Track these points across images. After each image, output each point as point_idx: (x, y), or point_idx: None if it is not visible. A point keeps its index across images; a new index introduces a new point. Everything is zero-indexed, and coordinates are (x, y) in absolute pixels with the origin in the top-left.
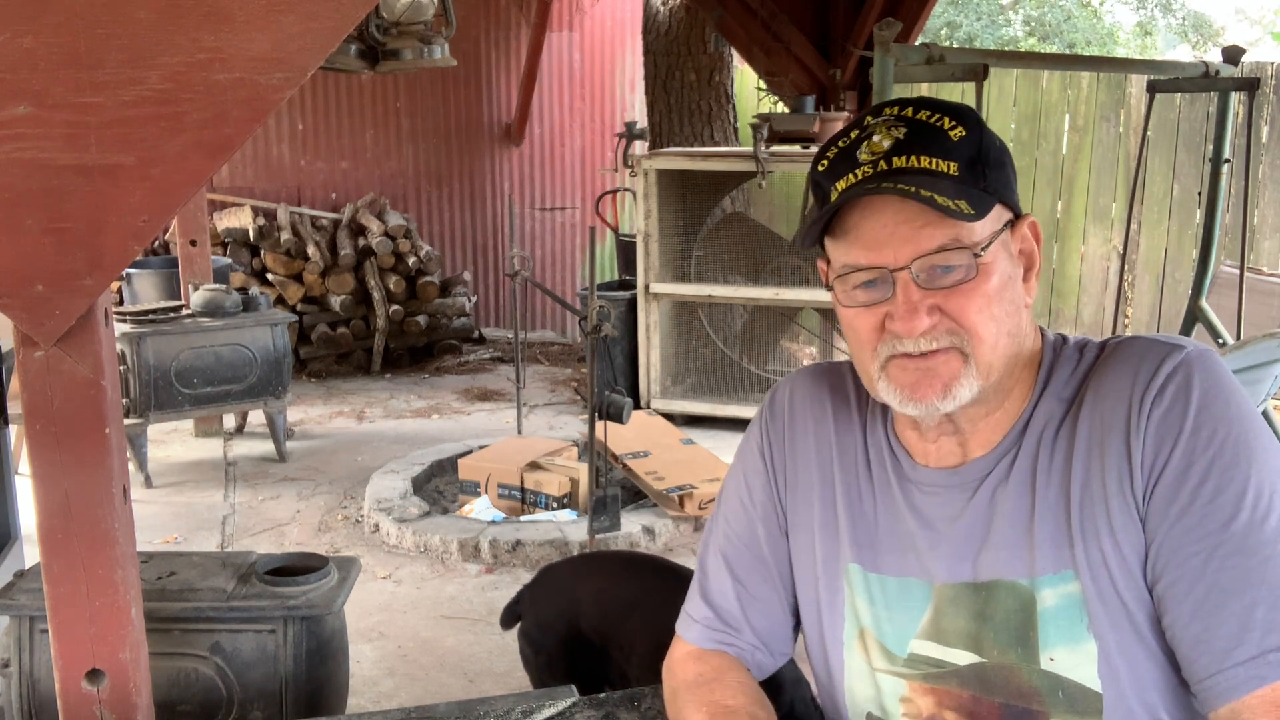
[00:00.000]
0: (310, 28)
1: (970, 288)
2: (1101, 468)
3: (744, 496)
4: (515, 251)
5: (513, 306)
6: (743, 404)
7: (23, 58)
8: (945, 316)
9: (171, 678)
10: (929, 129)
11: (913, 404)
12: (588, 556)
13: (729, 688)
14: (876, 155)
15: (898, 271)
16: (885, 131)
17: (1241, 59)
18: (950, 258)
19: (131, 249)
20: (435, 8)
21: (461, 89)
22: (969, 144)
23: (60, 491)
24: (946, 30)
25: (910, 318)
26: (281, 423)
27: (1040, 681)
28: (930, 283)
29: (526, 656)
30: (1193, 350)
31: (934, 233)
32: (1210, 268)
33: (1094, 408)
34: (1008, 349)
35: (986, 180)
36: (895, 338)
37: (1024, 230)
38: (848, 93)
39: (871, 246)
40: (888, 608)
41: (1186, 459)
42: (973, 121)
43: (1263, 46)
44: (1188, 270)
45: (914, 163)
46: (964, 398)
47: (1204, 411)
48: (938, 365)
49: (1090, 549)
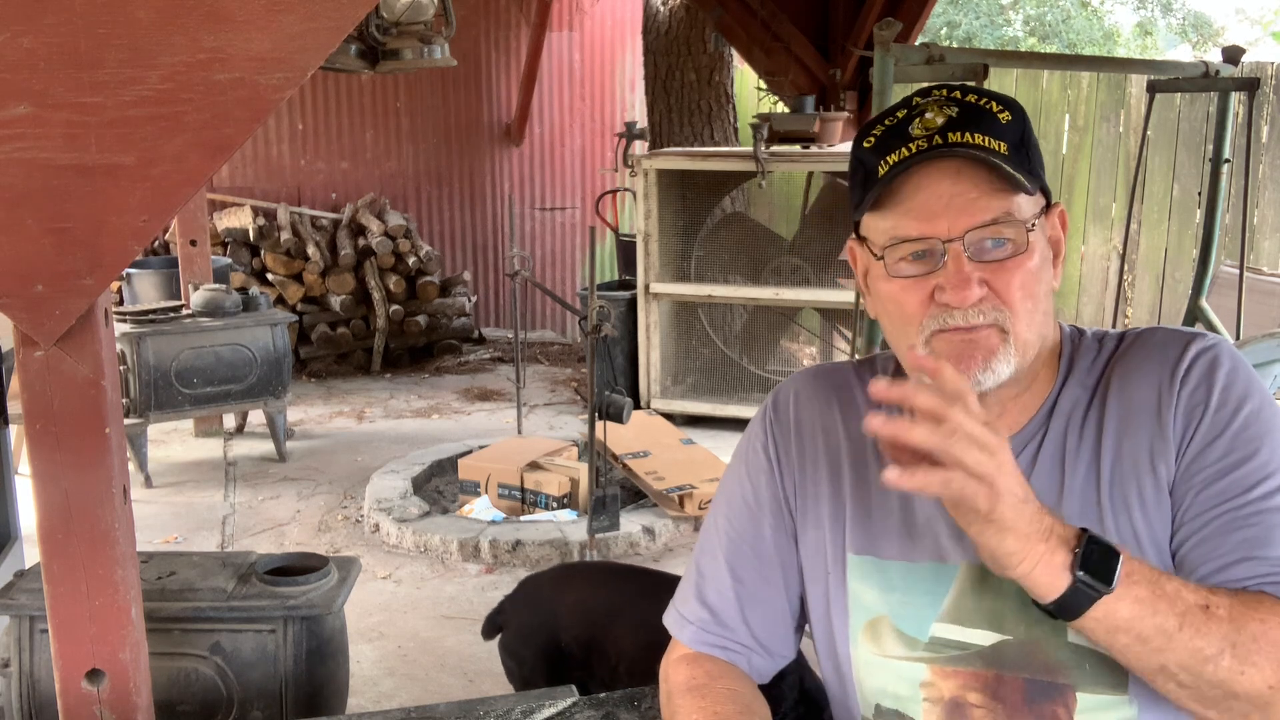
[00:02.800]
0: (310, 28)
1: (1017, 263)
2: (1133, 447)
3: (747, 495)
4: (515, 251)
5: (513, 306)
6: (743, 404)
7: (23, 58)
8: (991, 292)
9: (171, 678)
10: (979, 110)
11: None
12: (566, 568)
13: (720, 694)
14: (930, 130)
15: (950, 243)
16: (938, 110)
17: (1241, 59)
18: (1003, 231)
19: (131, 249)
20: (435, 8)
21: (461, 89)
22: (1015, 128)
23: (60, 491)
24: (946, 30)
25: (964, 287)
26: (281, 423)
27: (1066, 655)
28: (980, 256)
29: (509, 668)
30: (1214, 338)
31: (989, 204)
32: (1210, 268)
33: (1122, 392)
34: (1041, 329)
35: (1031, 163)
36: (944, 310)
37: (1054, 218)
38: (848, 93)
39: (924, 218)
40: (907, 593)
41: (1211, 432)
42: (1017, 108)
43: (1263, 46)
44: (1188, 270)
45: (968, 138)
46: (1003, 374)
47: (1228, 390)
48: (980, 339)
49: (1121, 524)
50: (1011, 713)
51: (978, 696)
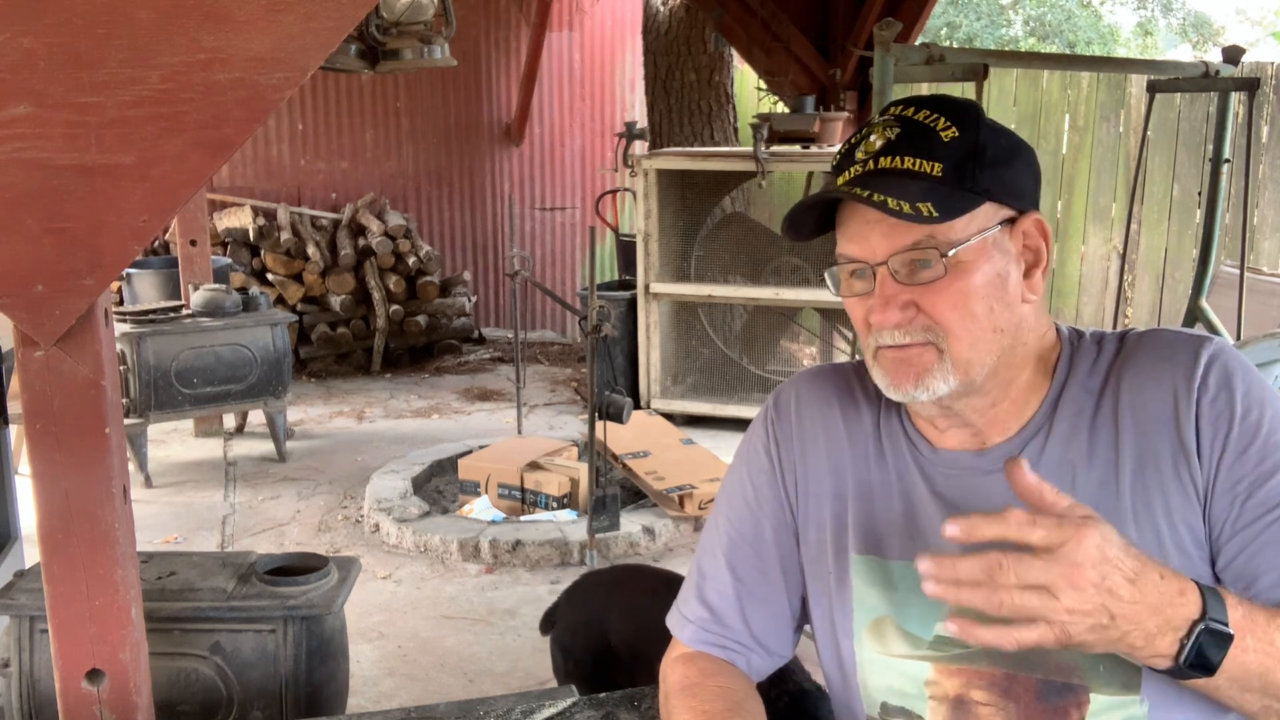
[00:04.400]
0: (310, 28)
1: (944, 285)
2: (1155, 453)
3: (749, 496)
4: (515, 251)
5: (513, 306)
6: (743, 404)
7: (23, 58)
8: (921, 312)
9: (171, 678)
10: (921, 130)
11: (894, 390)
12: (626, 570)
13: (710, 693)
14: (868, 155)
15: (878, 266)
16: (880, 131)
17: (1241, 59)
18: (925, 255)
19: (131, 249)
20: (435, 8)
21: (461, 89)
22: (961, 144)
23: (60, 491)
24: (946, 30)
25: (881, 310)
26: (281, 423)
27: (1080, 656)
28: (910, 278)
29: (556, 662)
30: (1220, 341)
31: (908, 230)
32: (1210, 268)
33: (1135, 395)
34: (993, 343)
35: (976, 180)
36: (876, 329)
37: (1026, 227)
38: (848, 93)
39: (856, 240)
40: (910, 592)
41: (1243, 440)
42: (970, 121)
43: (1263, 46)
44: (1188, 270)
45: (898, 163)
46: (939, 390)
47: (1249, 395)
48: (912, 357)
49: (1144, 529)
50: (1023, 712)
51: (983, 694)
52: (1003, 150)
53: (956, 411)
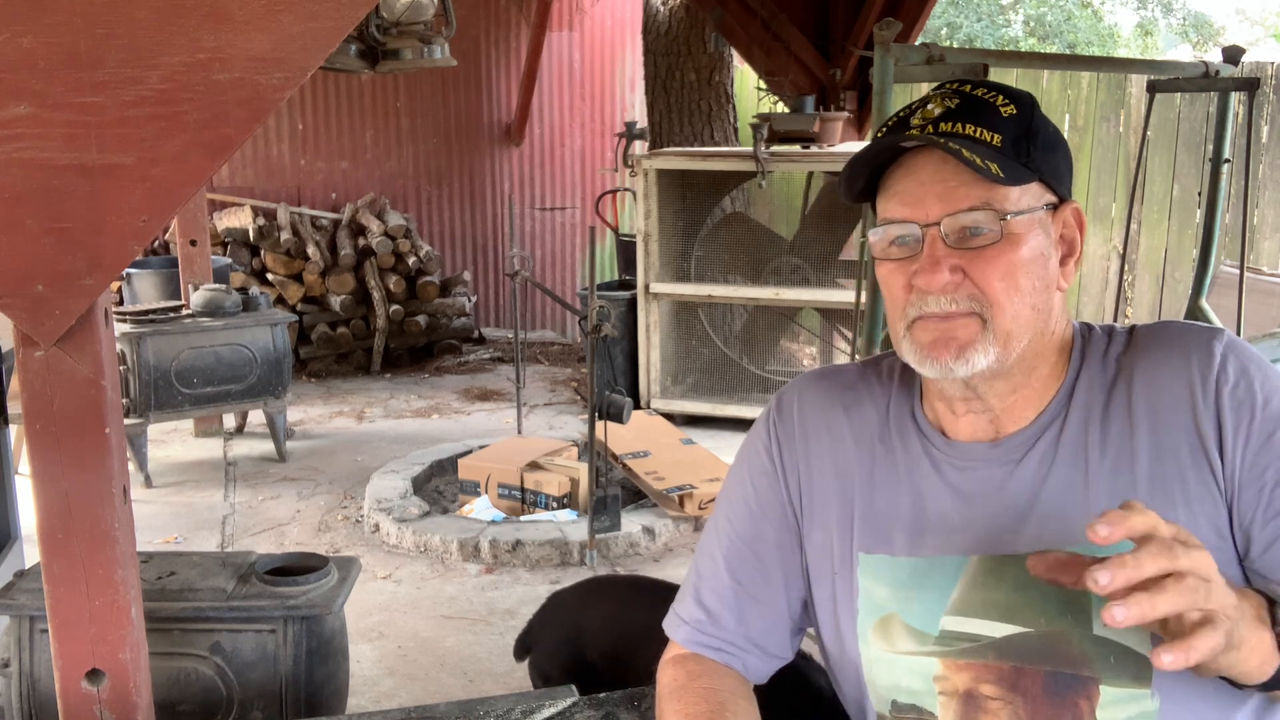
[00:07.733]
0: (310, 28)
1: (995, 252)
2: (1172, 442)
3: (749, 498)
4: (515, 251)
5: (513, 306)
6: (743, 404)
7: (23, 58)
8: (968, 280)
9: (171, 678)
10: (980, 103)
11: (929, 363)
12: (591, 582)
13: (695, 695)
14: (926, 120)
15: (928, 227)
16: (939, 101)
17: (1241, 59)
18: (978, 219)
19: (131, 249)
20: (435, 8)
21: (461, 89)
22: (1018, 122)
23: (60, 491)
24: (946, 30)
25: (931, 270)
26: (281, 423)
27: (1091, 648)
28: (959, 243)
29: (536, 687)
30: (1230, 333)
31: (967, 193)
32: (1210, 268)
33: (1149, 386)
34: (1031, 322)
35: (1030, 157)
36: (920, 296)
37: (1066, 215)
38: (848, 93)
39: (907, 202)
40: (917, 588)
41: (1266, 427)
42: (1026, 103)
43: (1263, 46)
44: (1188, 270)
45: (959, 129)
46: (979, 364)
47: (1267, 385)
48: (955, 328)
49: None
50: (1031, 705)
51: (993, 688)
52: (1051, 136)
53: (980, 394)
